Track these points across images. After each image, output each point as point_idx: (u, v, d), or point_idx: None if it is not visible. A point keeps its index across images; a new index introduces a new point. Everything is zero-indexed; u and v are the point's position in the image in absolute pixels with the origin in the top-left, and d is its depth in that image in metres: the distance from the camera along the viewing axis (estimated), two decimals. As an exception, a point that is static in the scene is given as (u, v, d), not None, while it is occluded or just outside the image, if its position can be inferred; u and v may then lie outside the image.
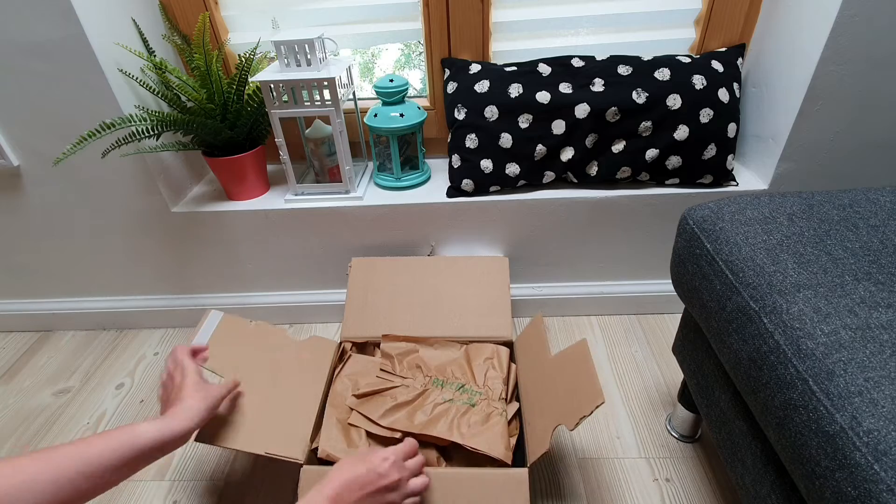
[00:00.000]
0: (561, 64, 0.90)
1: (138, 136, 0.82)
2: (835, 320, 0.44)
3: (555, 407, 0.66)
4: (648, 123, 0.86)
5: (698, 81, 0.85)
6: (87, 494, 0.47)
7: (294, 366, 0.80)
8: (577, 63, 0.90)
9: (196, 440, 0.65)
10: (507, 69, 0.91)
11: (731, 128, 0.88)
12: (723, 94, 0.86)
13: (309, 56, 0.83)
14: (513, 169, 0.91)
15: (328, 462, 0.73)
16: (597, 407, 0.58)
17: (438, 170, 1.05)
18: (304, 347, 0.83)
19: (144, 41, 0.89)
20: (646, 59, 0.89)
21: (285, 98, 0.86)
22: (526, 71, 0.90)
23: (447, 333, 0.86)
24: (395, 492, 0.57)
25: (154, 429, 0.52)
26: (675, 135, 0.87)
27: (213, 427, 0.67)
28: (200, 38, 0.86)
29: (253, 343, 0.78)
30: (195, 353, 0.69)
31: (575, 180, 0.94)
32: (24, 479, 0.43)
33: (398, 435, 0.72)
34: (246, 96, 0.92)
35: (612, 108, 0.86)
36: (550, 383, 0.70)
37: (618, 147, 0.89)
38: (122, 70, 0.84)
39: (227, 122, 0.90)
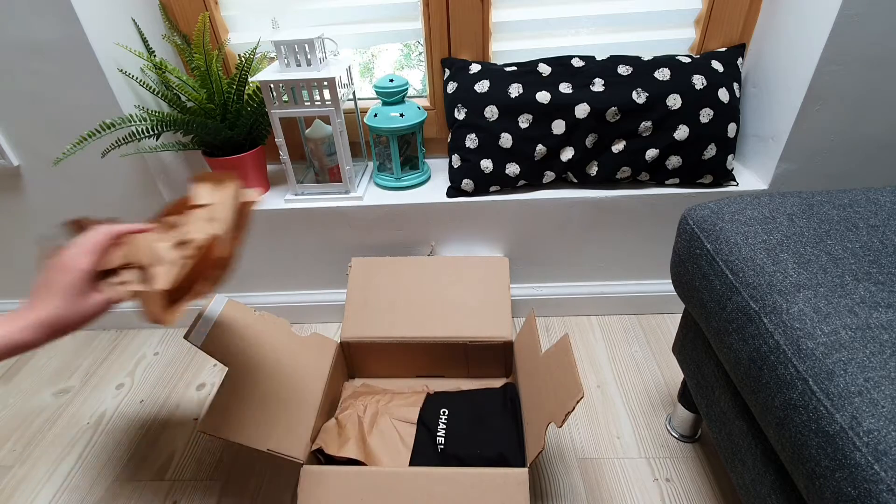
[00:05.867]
0: (561, 64, 0.90)
1: (138, 136, 0.82)
2: (835, 320, 0.44)
3: (546, 405, 0.66)
4: (648, 123, 0.86)
5: (698, 81, 0.85)
6: None
7: (295, 361, 0.80)
8: (577, 63, 0.90)
9: (200, 430, 0.65)
10: (507, 69, 0.91)
11: (731, 128, 0.88)
12: (723, 94, 0.86)
13: (309, 56, 0.83)
14: (513, 169, 0.91)
15: (328, 461, 0.73)
16: (577, 402, 0.58)
17: (438, 170, 1.05)
18: (305, 343, 0.83)
19: (144, 41, 0.89)
20: (646, 59, 0.89)
21: (285, 98, 0.86)
22: (526, 71, 0.90)
23: (447, 334, 0.86)
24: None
25: None
26: (675, 135, 0.87)
27: (217, 417, 0.67)
28: (200, 38, 0.86)
29: (256, 332, 0.78)
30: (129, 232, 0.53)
31: (575, 180, 0.94)
32: None
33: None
34: (246, 96, 0.92)
35: (612, 108, 0.86)
36: (541, 381, 0.70)
37: (618, 147, 0.89)
38: (122, 70, 0.84)
39: (227, 122, 0.90)
